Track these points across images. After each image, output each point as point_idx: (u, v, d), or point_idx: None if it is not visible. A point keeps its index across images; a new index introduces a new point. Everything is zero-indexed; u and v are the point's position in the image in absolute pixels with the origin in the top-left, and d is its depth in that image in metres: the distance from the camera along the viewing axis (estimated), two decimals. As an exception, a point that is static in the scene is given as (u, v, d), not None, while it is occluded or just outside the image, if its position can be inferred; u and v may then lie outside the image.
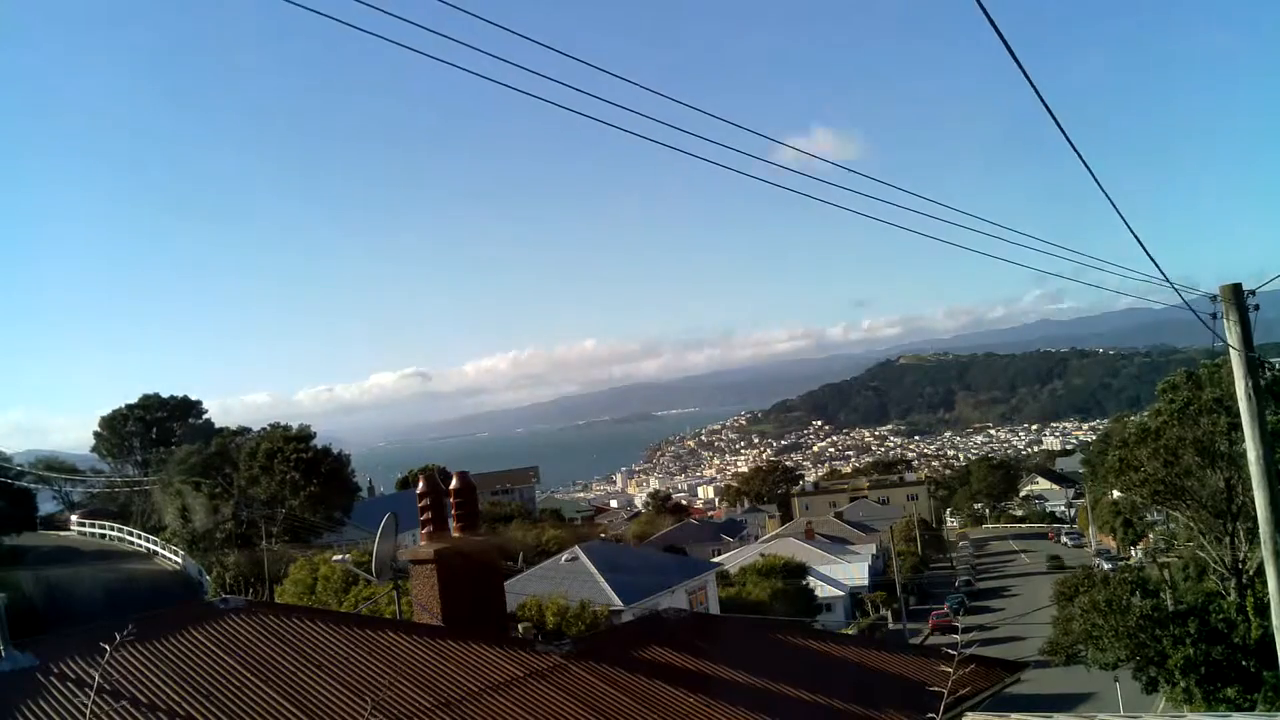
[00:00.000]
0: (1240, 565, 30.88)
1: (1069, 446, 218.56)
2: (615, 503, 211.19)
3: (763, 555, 69.50)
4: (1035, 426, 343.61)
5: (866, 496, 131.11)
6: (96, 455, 74.63)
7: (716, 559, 68.35)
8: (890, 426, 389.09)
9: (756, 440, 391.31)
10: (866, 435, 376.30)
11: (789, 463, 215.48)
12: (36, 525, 60.30)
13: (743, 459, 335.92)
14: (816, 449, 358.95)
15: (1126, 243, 12.27)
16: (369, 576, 16.35)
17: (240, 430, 65.06)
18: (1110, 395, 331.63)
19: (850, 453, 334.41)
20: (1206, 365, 34.55)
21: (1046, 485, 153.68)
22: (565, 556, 42.26)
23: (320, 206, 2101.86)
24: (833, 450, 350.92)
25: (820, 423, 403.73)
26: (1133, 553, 71.83)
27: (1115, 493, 61.51)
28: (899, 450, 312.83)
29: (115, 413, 72.98)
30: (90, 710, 7.79)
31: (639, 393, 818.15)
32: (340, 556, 28.67)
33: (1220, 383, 30.38)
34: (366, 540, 32.00)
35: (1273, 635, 14.27)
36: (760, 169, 9.57)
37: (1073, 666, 34.42)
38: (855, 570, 76.26)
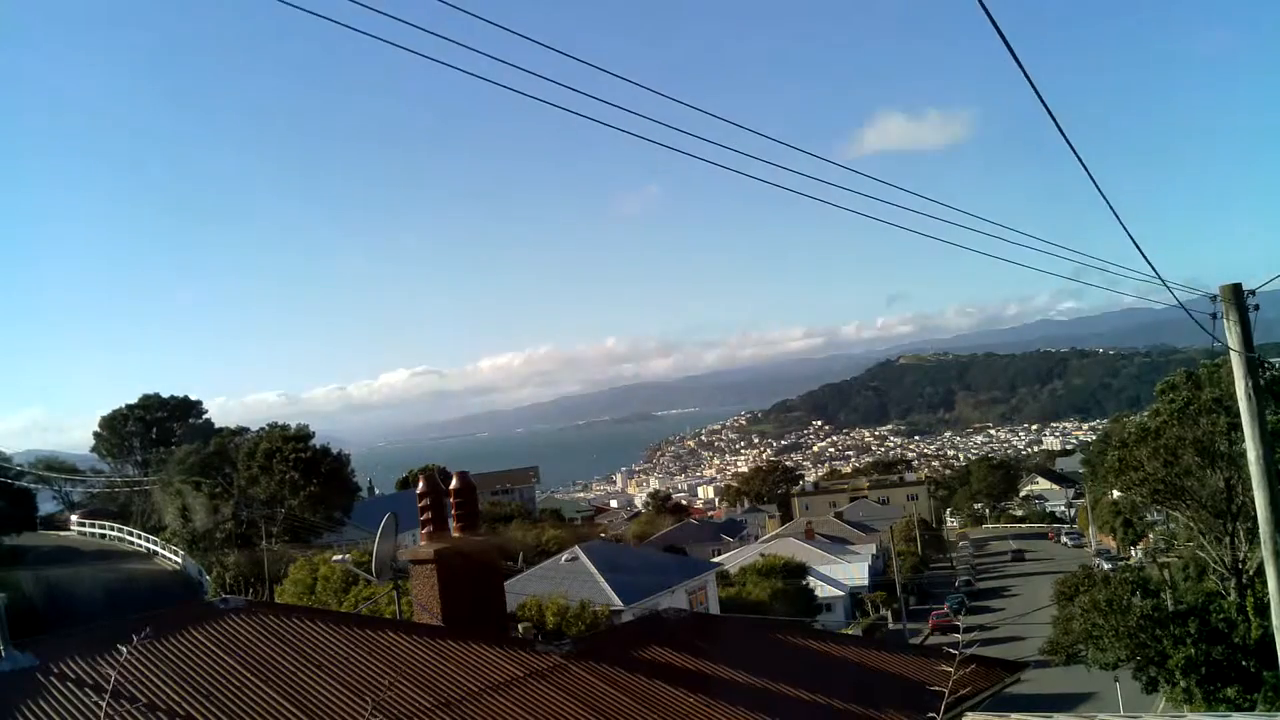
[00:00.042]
0: (1240, 565, 30.89)
1: (1069, 446, 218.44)
2: (615, 503, 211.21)
3: (763, 555, 69.51)
4: (1035, 426, 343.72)
5: (866, 496, 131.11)
6: (96, 455, 74.66)
7: (716, 559, 68.34)
8: (890, 426, 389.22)
9: (756, 440, 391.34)
10: (866, 435, 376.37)
11: (789, 463, 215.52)
12: (36, 525, 60.34)
13: (743, 459, 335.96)
14: (816, 449, 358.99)
15: (1129, 243, 12.30)
16: (369, 576, 16.35)
17: (239, 430, 65.02)
18: (1110, 395, 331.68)
19: (850, 453, 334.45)
20: (1206, 365, 34.62)
21: (1046, 485, 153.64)
22: (565, 556, 42.26)
23: (326, 207, 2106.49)
24: (833, 450, 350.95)
25: (820, 423, 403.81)
26: (1133, 553, 71.83)
27: (1115, 493, 61.52)
28: (899, 450, 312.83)
29: (115, 413, 73.02)
30: (105, 713, 7.79)
31: (639, 393, 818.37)
32: (340, 556, 28.65)
33: (1220, 383, 30.42)
34: (366, 540, 32.01)
35: (1273, 635, 14.27)
36: (777, 172, 9.57)
37: (1073, 666, 34.45)
38: (855, 570, 76.29)
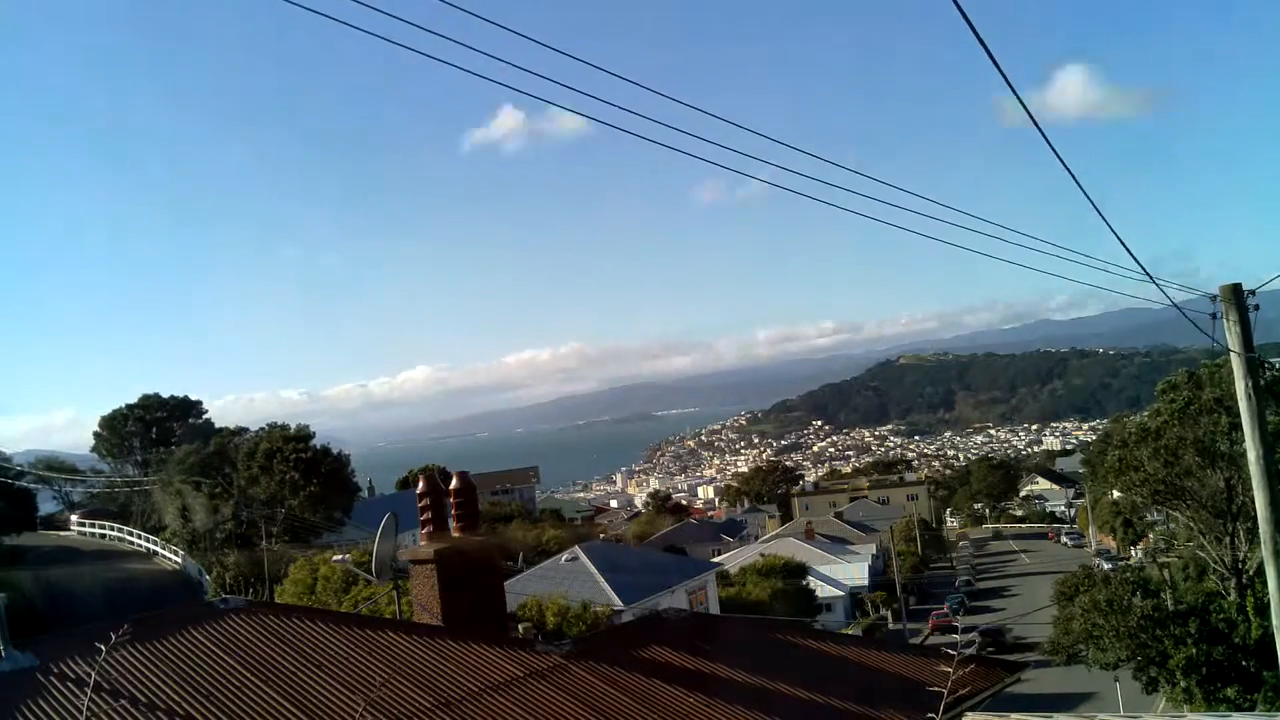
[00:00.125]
0: (1240, 565, 30.87)
1: (1069, 446, 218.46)
2: (615, 503, 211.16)
3: (763, 555, 69.47)
4: (1035, 426, 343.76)
5: (866, 496, 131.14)
6: (96, 455, 74.64)
7: (716, 559, 68.31)
8: (890, 426, 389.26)
9: (756, 440, 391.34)
10: (866, 435, 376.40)
11: (789, 463, 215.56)
12: (36, 525, 60.31)
13: (743, 459, 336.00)
14: (816, 449, 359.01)
15: (1129, 243, 12.29)
16: (369, 576, 16.35)
17: (239, 430, 65.04)
18: (1110, 395, 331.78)
19: (850, 453, 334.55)
20: (1207, 365, 34.57)
21: (1046, 485, 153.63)
22: (565, 556, 42.22)
23: (329, 206, 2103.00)
24: (833, 450, 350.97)
25: (820, 423, 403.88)
26: (1133, 553, 71.81)
27: (1115, 493, 61.46)
28: (899, 450, 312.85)
29: (115, 413, 73.02)
30: (86, 709, 7.78)
31: (639, 393, 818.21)
32: (340, 556, 28.65)
33: (1220, 383, 30.38)
34: (366, 540, 31.99)
35: (1273, 635, 14.27)
36: (781, 174, 9.57)
37: (1073, 666, 34.43)
38: (855, 570, 76.28)
